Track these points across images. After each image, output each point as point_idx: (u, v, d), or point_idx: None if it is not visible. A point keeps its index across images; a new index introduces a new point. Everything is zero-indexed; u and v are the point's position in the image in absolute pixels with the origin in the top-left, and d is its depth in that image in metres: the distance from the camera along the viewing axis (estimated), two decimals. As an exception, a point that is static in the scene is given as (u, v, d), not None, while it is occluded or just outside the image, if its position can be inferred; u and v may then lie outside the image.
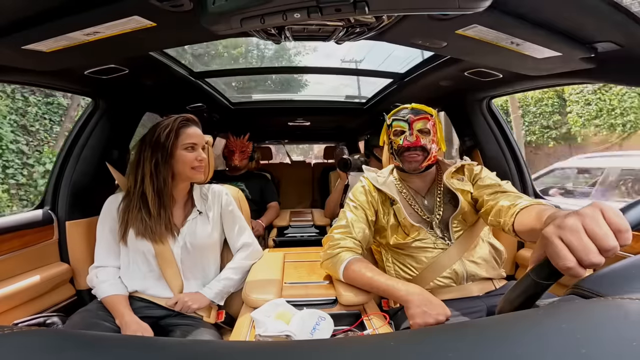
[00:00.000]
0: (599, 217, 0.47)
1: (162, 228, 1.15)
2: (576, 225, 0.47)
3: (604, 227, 0.46)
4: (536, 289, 0.49)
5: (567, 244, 0.47)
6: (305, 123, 3.17)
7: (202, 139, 1.23)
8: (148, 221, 1.14)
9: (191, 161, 1.18)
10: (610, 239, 0.45)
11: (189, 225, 1.22)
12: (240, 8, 0.66)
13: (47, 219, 1.51)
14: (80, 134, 1.58)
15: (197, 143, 1.20)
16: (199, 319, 1.19)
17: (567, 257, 0.46)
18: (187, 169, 1.18)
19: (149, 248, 1.15)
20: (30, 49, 0.90)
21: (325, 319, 0.90)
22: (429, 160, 1.17)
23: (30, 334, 0.34)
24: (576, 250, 0.46)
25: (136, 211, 1.15)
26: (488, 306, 1.07)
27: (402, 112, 1.19)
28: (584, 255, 0.45)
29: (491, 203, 1.05)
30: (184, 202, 1.26)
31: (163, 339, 0.36)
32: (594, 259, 0.45)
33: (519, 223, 0.90)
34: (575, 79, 1.23)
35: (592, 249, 0.46)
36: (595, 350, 0.27)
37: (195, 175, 1.20)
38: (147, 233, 1.14)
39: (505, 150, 1.80)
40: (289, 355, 0.30)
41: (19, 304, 1.30)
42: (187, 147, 1.18)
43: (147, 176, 1.14)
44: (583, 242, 0.46)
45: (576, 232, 0.47)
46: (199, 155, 1.19)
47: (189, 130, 1.19)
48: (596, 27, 0.86)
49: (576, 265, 0.45)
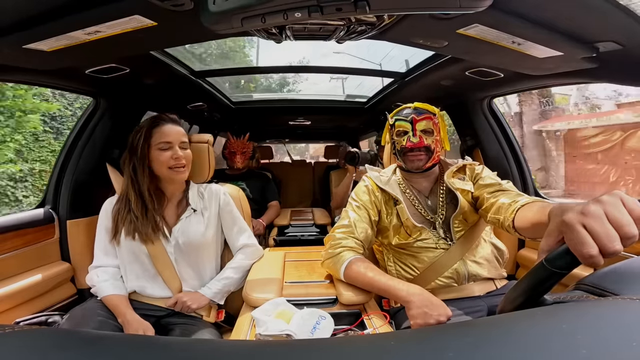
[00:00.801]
0: (620, 204, 0.47)
1: (149, 229, 1.14)
2: (599, 212, 0.46)
3: (625, 214, 0.46)
4: (550, 279, 0.48)
5: (589, 230, 0.46)
6: (305, 122, 3.17)
7: (179, 136, 1.18)
8: (136, 222, 1.14)
9: (166, 160, 1.14)
10: (633, 226, 0.45)
11: (182, 224, 1.21)
12: (241, 7, 0.66)
13: (48, 218, 1.51)
14: (81, 133, 1.58)
15: (171, 141, 1.15)
16: (199, 318, 1.19)
17: (592, 244, 0.45)
18: (164, 169, 1.15)
19: (142, 248, 1.15)
20: (32, 48, 0.90)
21: (325, 318, 0.90)
22: (433, 160, 1.16)
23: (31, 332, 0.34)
24: (599, 237, 0.45)
25: (125, 213, 1.15)
26: (489, 306, 1.07)
27: (404, 112, 1.18)
28: (608, 242, 0.44)
29: (491, 201, 1.05)
30: (178, 200, 1.25)
31: (164, 338, 0.36)
32: (617, 246, 0.44)
33: (520, 219, 0.90)
34: (577, 78, 1.23)
35: (616, 236, 0.45)
36: (595, 351, 0.27)
37: (173, 175, 1.16)
38: (135, 234, 1.13)
39: (506, 150, 1.80)
40: (290, 355, 0.30)
41: (20, 302, 1.31)
42: (162, 147, 1.15)
43: (128, 181, 1.16)
44: (606, 228, 0.45)
45: (599, 219, 0.46)
46: (175, 154, 1.15)
47: (161, 129, 1.16)
48: (597, 26, 0.86)
49: (598, 253, 0.44)
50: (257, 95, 2.90)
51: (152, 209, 1.16)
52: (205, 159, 1.33)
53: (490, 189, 1.09)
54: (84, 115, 1.61)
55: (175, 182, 1.21)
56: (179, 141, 1.18)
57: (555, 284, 0.48)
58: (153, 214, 1.16)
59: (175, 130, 1.18)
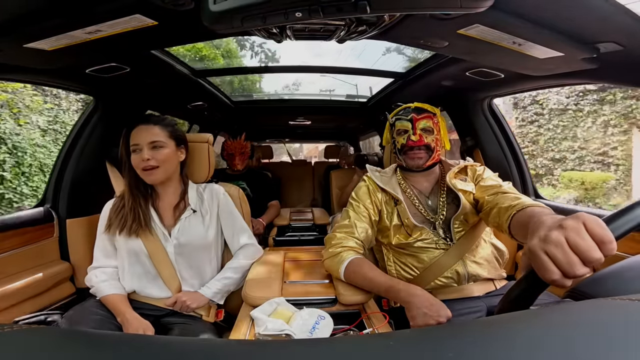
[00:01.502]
0: (582, 229, 0.48)
1: (135, 223, 1.15)
2: (559, 239, 0.49)
3: (587, 239, 0.47)
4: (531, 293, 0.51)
5: (551, 257, 0.48)
6: (306, 122, 3.17)
7: (148, 136, 1.15)
8: (125, 217, 1.17)
9: (136, 164, 1.15)
10: (593, 251, 0.46)
11: (182, 224, 1.21)
12: (241, 7, 0.66)
13: (48, 217, 1.51)
14: (81, 132, 1.58)
15: (138, 143, 1.14)
16: (198, 318, 1.19)
17: (552, 270, 0.48)
18: (140, 172, 1.16)
19: (142, 249, 1.15)
20: (32, 47, 0.90)
21: (324, 318, 0.90)
22: (433, 159, 1.17)
23: (30, 332, 0.34)
24: (560, 263, 0.47)
25: (119, 208, 1.19)
26: (488, 306, 1.07)
27: (405, 111, 1.19)
28: (568, 268, 0.47)
29: (491, 204, 1.05)
30: (176, 201, 1.24)
31: (164, 338, 0.36)
32: (577, 271, 0.47)
33: (514, 225, 0.91)
34: (577, 79, 1.23)
35: (576, 261, 0.47)
36: (594, 351, 0.27)
37: (145, 177, 1.16)
38: (124, 229, 1.15)
39: (506, 151, 1.80)
40: (289, 354, 0.30)
41: (20, 301, 1.31)
42: (134, 149, 1.16)
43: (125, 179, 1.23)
44: (567, 255, 0.47)
45: (560, 246, 0.48)
46: (142, 156, 1.13)
47: (134, 132, 1.16)
48: (598, 27, 0.86)
49: (561, 277, 0.47)
50: (257, 95, 2.90)
51: (139, 204, 1.18)
52: (205, 159, 1.33)
53: (491, 191, 1.09)
54: (84, 114, 1.61)
55: (150, 182, 1.20)
56: (147, 142, 1.15)
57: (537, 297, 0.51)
58: (140, 208, 1.18)
59: (145, 131, 1.16)
